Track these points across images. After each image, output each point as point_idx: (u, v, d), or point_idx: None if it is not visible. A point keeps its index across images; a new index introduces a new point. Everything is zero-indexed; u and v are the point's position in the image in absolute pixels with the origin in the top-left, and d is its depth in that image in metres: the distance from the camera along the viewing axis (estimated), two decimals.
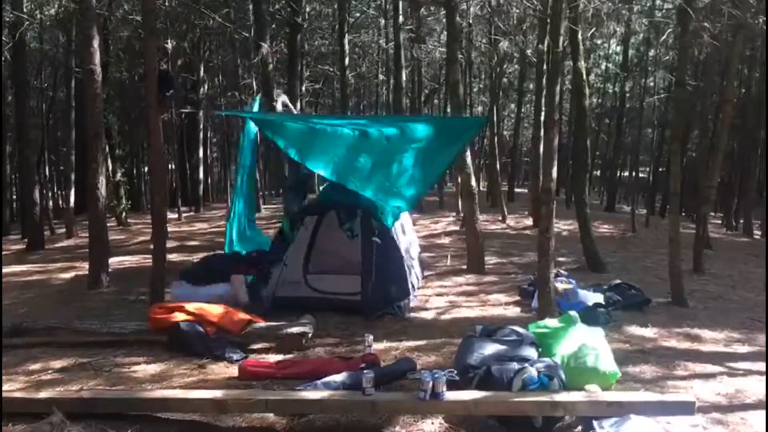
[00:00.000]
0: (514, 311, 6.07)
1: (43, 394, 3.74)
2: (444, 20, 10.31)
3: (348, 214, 6.08)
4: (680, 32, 7.39)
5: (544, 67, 10.84)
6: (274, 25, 15.20)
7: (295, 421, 3.54)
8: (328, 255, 6.28)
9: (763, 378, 4.14)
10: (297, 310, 5.55)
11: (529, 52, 13.82)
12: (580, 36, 8.27)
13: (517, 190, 21.38)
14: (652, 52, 19.98)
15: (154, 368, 4.50)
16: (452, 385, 3.39)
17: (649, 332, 5.30)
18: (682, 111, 7.76)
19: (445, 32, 10.50)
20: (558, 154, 5.78)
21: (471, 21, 12.89)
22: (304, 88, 15.14)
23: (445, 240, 10.79)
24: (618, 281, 6.70)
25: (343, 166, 5.87)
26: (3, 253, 11.06)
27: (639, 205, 19.07)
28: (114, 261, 8.45)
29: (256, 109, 8.32)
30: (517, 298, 6.47)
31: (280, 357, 4.68)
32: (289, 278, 6.03)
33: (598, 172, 25.62)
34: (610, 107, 24.07)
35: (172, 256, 8.46)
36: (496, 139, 17.71)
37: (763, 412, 3.58)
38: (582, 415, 3.32)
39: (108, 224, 8.11)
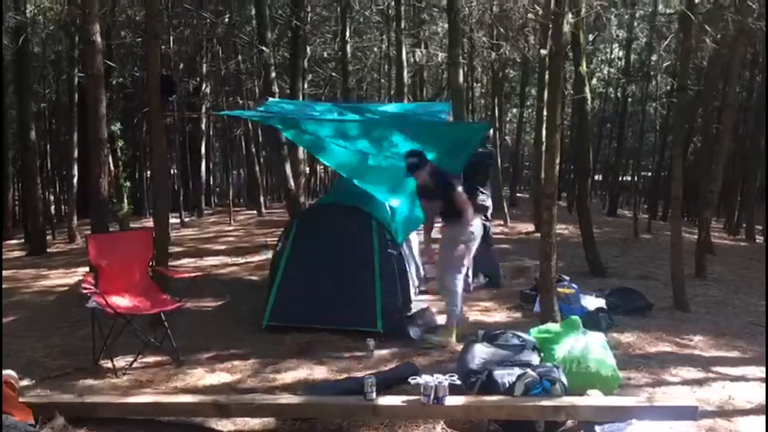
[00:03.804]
0: (515, 316, 6.07)
1: (44, 398, 3.74)
2: (446, 25, 10.34)
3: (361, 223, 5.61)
4: (682, 37, 7.39)
5: (546, 71, 10.84)
6: (276, 30, 15.22)
7: (297, 425, 3.54)
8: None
9: (764, 383, 4.13)
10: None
11: (530, 56, 13.82)
12: (582, 40, 8.28)
13: (518, 194, 21.38)
14: (654, 57, 19.99)
15: (156, 371, 4.51)
16: (454, 390, 3.39)
17: (650, 337, 5.29)
18: (684, 115, 7.75)
19: (446, 36, 10.53)
20: (560, 158, 5.77)
21: (472, 26, 12.89)
22: (306, 85, 15.14)
23: None
24: (620, 286, 6.69)
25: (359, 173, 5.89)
26: (4, 257, 11.07)
27: (641, 210, 19.03)
28: None
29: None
30: (519, 302, 6.46)
31: None
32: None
33: (600, 177, 25.59)
34: (612, 112, 24.07)
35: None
36: (498, 143, 17.68)
37: (764, 417, 3.57)
38: (584, 419, 3.32)
39: (110, 228, 8.11)
